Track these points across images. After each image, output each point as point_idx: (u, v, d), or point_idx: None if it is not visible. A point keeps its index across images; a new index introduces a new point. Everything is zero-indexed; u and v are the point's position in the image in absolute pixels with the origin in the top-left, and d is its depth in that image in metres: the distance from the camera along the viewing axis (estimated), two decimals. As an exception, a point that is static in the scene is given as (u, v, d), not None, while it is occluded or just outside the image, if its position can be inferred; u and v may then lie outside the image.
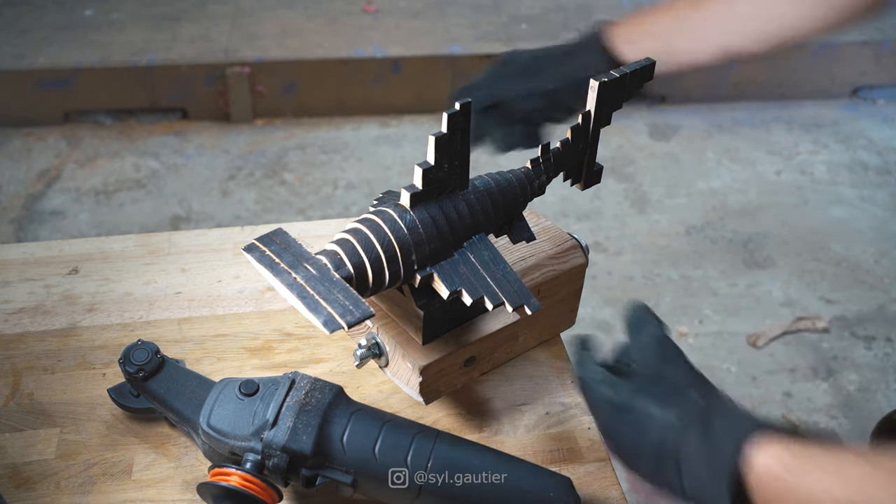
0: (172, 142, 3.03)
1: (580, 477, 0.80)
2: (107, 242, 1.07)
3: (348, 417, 0.70)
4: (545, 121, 0.96)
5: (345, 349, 0.92)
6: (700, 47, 0.94)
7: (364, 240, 0.73)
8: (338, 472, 0.68)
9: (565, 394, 0.88)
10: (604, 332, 2.21)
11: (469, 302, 0.74)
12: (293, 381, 0.71)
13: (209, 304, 0.98)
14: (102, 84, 3.03)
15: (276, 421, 0.68)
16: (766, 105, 3.35)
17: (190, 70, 3.04)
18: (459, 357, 0.82)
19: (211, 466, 0.70)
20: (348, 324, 0.65)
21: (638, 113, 3.24)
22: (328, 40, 3.22)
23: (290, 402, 0.69)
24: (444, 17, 3.41)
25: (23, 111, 3.04)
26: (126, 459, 0.80)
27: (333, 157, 2.98)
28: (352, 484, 0.68)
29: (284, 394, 0.70)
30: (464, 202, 0.78)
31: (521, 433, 0.84)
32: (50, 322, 0.95)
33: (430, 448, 0.69)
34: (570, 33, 1.10)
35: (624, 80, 0.82)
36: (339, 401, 0.71)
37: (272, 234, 0.74)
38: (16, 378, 0.88)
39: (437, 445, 0.69)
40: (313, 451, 0.67)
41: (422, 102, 3.17)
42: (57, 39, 3.16)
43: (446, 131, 0.72)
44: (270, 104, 3.14)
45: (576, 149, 0.86)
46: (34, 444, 0.81)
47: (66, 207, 2.71)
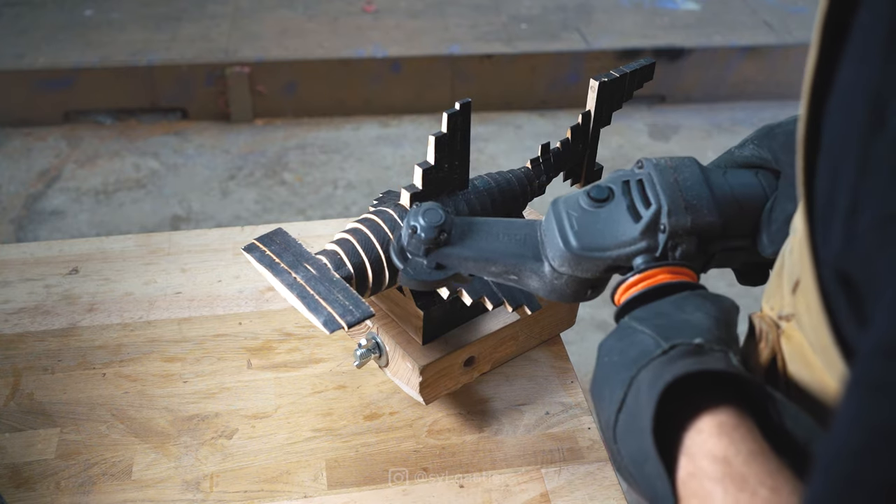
0: (172, 142, 3.03)
1: (580, 477, 0.80)
2: (107, 242, 1.07)
3: (723, 171, 0.63)
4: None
5: (345, 349, 0.92)
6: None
7: (364, 240, 0.73)
8: (740, 239, 0.62)
9: (565, 394, 0.88)
10: (603, 332, 2.21)
11: (469, 302, 0.74)
12: (641, 164, 0.62)
13: (209, 304, 0.98)
14: (102, 84, 3.03)
15: (669, 206, 0.59)
16: (766, 105, 3.35)
17: (190, 70, 3.04)
18: (459, 357, 0.82)
19: (591, 293, 0.62)
20: (348, 324, 0.65)
21: (638, 113, 3.24)
22: (328, 40, 3.22)
23: (662, 184, 0.60)
24: (444, 17, 3.40)
25: (23, 111, 3.04)
26: (126, 459, 0.80)
27: (333, 157, 2.98)
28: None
29: (655, 179, 0.61)
30: (464, 202, 0.78)
31: (521, 433, 0.84)
32: (50, 322, 0.95)
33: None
34: (570, 33, 1.10)
35: (624, 80, 0.82)
36: (698, 165, 0.63)
37: (272, 234, 0.74)
38: (16, 378, 0.88)
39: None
40: (722, 222, 0.60)
41: (422, 102, 3.17)
42: (57, 39, 3.16)
43: (446, 131, 0.72)
44: (270, 104, 3.13)
45: (576, 149, 0.86)
46: (34, 444, 0.81)
47: (66, 207, 2.71)
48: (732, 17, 3.47)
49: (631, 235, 0.59)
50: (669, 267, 0.58)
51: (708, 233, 0.60)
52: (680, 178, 0.60)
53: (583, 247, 0.60)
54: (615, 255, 0.60)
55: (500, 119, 3.18)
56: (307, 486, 0.78)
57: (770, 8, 3.56)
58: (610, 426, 0.53)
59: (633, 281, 0.58)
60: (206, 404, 0.86)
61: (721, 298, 0.57)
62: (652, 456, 0.49)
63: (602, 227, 0.60)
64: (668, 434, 0.50)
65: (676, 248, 0.59)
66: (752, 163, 0.66)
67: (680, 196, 0.59)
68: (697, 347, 0.51)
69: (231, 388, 0.88)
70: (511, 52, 3.18)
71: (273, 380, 0.89)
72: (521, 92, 3.22)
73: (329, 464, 0.81)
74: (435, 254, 0.63)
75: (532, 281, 0.63)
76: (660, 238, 0.59)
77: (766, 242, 0.61)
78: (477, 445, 0.83)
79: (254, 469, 0.80)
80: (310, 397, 0.87)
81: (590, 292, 0.63)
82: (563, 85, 3.23)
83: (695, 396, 0.50)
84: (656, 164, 0.61)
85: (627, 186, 0.62)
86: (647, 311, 0.55)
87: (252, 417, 0.85)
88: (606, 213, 0.61)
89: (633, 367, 0.52)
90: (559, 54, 3.20)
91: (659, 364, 0.51)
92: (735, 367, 0.50)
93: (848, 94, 0.43)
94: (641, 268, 0.58)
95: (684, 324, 0.53)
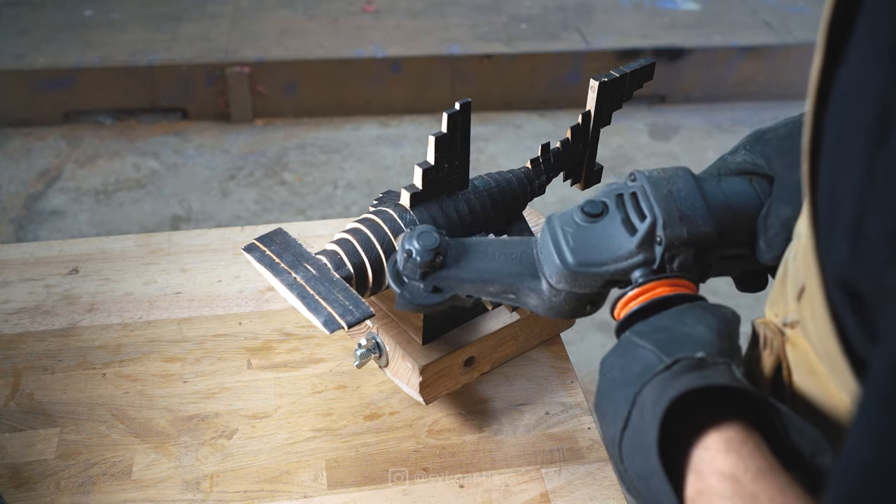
0: (172, 142, 3.03)
1: (580, 477, 0.80)
2: (107, 242, 1.07)
3: (717, 180, 0.62)
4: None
5: (345, 349, 0.92)
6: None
7: (364, 240, 0.73)
8: (737, 247, 0.61)
9: (565, 394, 0.88)
10: (604, 332, 2.21)
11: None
12: (634, 177, 0.62)
13: (209, 304, 0.98)
14: (102, 84, 3.03)
15: (665, 218, 0.59)
16: (766, 105, 3.35)
17: (190, 70, 3.04)
18: (459, 357, 0.82)
19: (590, 308, 0.62)
20: (348, 324, 0.65)
21: (638, 113, 3.24)
22: (328, 40, 3.22)
23: (656, 196, 0.60)
24: (444, 17, 3.40)
25: (23, 111, 3.04)
26: (126, 459, 0.80)
27: (333, 157, 2.98)
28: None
29: (648, 191, 0.60)
30: (464, 202, 0.78)
31: (521, 433, 0.84)
32: (50, 322, 0.95)
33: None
34: (570, 33, 1.10)
35: (624, 80, 0.82)
36: (692, 175, 0.62)
37: (272, 234, 0.74)
38: (16, 378, 0.88)
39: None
40: (718, 231, 0.59)
41: (422, 102, 3.17)
42: (57, 39, 3.16)
43: (446, 131, 0.72)
44: (270, 104, 3.13)
45: (576, 149, 0.86)
46: (34, 444, 0.81)
47: (66, 207, 2.71)
48: (732, 17, 3.47)
49: (627, 249, 0.59)
50: (668, 279, 0.58)
51: (705, 243, 0.59)
52: (674, 189, 0.60)
53: (579, 262, 0.60)
54: (612, 269, 0.60)
55: (500, 119, 3.18)
56: (307, 486, 0.78)
57: (770, 8, 3.56)
58: (615, 444, 0.53)
59: (631, 295, 0.58)
60: (206, 404, 0.86)
61: (721, 309, 0.57)
62: (658, 473, 0.48)
63: (598, 242, 0.60)
64: (674, 450, 0.50)
65: (674, 259, 0.59)
66: (746, 169, 0.65)
67: (675, 207, 0.59)
68: (700, 361, 0.51)
69: (231, 388, 0.88)
70: (511, 52, 3.18)
71: (273, 380, 0.89)
72: (521, 92, 3.22)
73: (329, 464, 0.81)
74: (431, 277, 0.63)
75: (530, 299, 0.63)
76: (656, 250, 0.59)
77: (763, 248, 0.61)
78: (477, 445, 0.83)
79: (254, 469, 0.80)
80: (310, 397, 0.87)
81: (589, 308, 0.63)
82: (563, 85, 3.23)
83: (700, 411, 0.50)
84: (649, 177, 0.61)
85: (621, 200, 0.62)
86: (648, 325, 0.55)
87: (252, 417, 0.85)
88: (601, 227, 0.61)
89: (636, 384, 0.51)
90: (559, 54, 3.19)
91: (662, 380, 0.50)
92: (739, 381, 0.50)
93: (851, 100, 0.42)
94: (640, 281, 0.58)
95: (686, 337, 0.53)
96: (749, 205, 0.62)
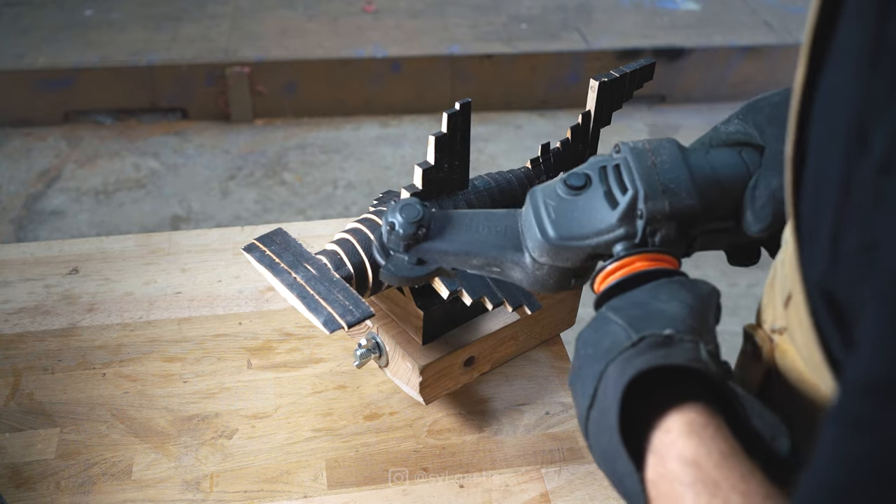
0: (172, 142, 3.03)
1: (580, 477, 0.80)
2: (107, 242, 1.07)
3: (705, 151, 0.62)
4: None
5: (345, 349, 0.92)
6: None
7: (364, 240, 0.73)
8: (724, 220, 0.60)
9: (565, 394, 0.88)
10: (604, 332, 2.21)
11: (469, 302, 0.74)
12: (618, 148, 0.61)
13: (209, 304, 0.98)
14: (102, 84, 3.03)
15: (646, 191, 0.57)
16: (766, 105, 3.35)
17: (190, 70, 3.04)
18: (459, 357, 0.82)
19: (575, 281, 0.61)
20: (348, 324, 0.65)
21: (638, 113, 3.24)
22: (328, 40, 3.21)
23: (639, 169, 0.59)
24: (444, 17, 3.40)
25: (23, 111, 3.04)
26: (126, 459, 0.80)
27: (333, 157, 2.98)
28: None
29: (631, 163, 0.59)
30: (464, 202, 0.78)
31: (521, 433, 0.84)
32: (50, 322, 0.95)
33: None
34: (570, 33, 1.10)
35: (624, 80, 0.82)
36: (678, 146, 0.61)
37: (272, 234, 0.74)
38: (16, 378, 0.88)
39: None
40: (702, 204, 0.58)
41: (422, 102, 3.17)
42: (57, 39, 3.16)
43: (446, 131, 0.72)
44: (270, 104, 3.13)
45: (576, 149, 0.86)
46: (34, 444, 0.81)
47: (66, 207, 2.70)
48: (732, 17, 3.47)
49: (609, 222, 0.58)
50: (648, 254, 0.57)
51: (688, 216, 0.58)
52: (657, 161, 0.59)
53: (560, 236, 0.59)
54: (594, 243, 0.59)
55: (500, 119, 3.18)
56: (307, 486, 0.78)
57: (770, 8, 3.56)
58: (582, 422, 0.52)
59: (610, 269, 0.57)
60: (206, 404, 0.86)
61: (699, 284, 0.55)
62: (621, 454, 0.47)
63: (580, 216, 0.59)
64: (638, 431, 0.49)
65: (655, 233, 0.58)
66: (737, 139, 0.64)
67: (657, 180, 0.58)
68: (666, 339, 0.49)
69: (231, 388, 0.88)
70: (511, 52, 3.18)
71: (273, 380, 0.89)
72: (521, 92, 3.22)
73: (329, 464, 0.81)
74: (415, 249, 0.62)
75: (514, 272, 0.63)
76: (638, 224, 0.58)
77: (750, 220, 0.59)
78: (477, 445, 0.83)
79: (254, 469, 0.80)
80: (310, 397, 0.87)
81: (574, 281, 0.62)
82: (563, 85, 3.23)
83: (663, 391, 0.49)
84: (633, 148, 0.60)
85: (605, 172, 0.60)
86: (624, 300, 0.54)
87: (252, 417, 0.85)
88: (584, 200, 0.60)
89: (603, 361, 0.50)
90: (559, 54, 3.19)
91: (625, 358, 0.49)
92: (701, 361, 0.49)
93: (830, 111, 0.42)
94: (620, 255, 0.57)
95: (657, 314, 0.52)
96: (737, 176, 0.61)
